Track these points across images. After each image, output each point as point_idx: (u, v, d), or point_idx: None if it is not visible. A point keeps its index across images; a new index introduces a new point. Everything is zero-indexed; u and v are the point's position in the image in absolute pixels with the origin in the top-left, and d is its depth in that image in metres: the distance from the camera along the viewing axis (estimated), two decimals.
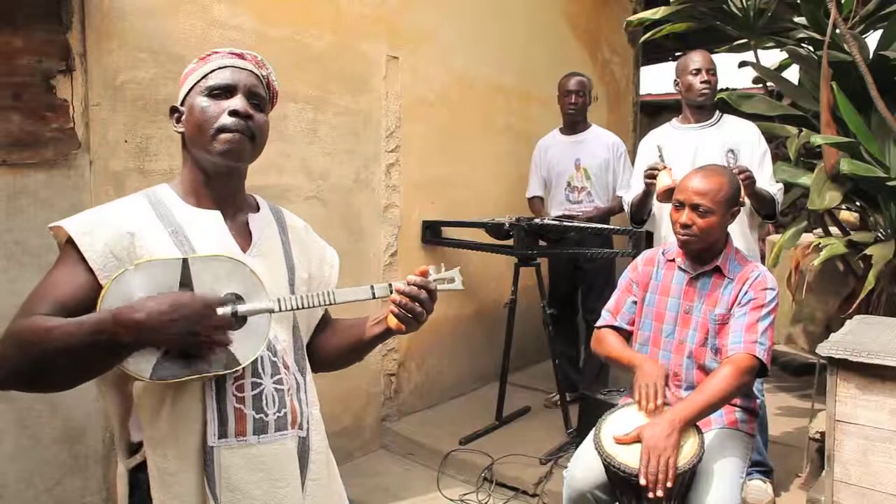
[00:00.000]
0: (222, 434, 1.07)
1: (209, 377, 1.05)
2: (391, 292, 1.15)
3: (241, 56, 1.18)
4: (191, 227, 1.11)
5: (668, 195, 2.33)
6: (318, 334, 1.32)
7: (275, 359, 1.14)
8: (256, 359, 1.09)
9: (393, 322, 1.20)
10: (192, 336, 0.97)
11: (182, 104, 1.17)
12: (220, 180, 1.16)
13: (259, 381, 1.11)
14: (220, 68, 1.15)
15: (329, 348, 1.32)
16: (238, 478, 1.08)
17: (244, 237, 1.18)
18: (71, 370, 0.97)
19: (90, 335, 0.94)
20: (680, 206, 1.87)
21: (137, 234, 1.06)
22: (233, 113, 1.11)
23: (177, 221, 1.11)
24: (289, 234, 1.27)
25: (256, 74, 1.18)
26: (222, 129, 1.10)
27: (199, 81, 1.15)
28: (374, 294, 1.14)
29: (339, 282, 1.33)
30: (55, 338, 0.94)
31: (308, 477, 1.17)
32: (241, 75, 1.15)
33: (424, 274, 1.16)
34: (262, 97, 1.17)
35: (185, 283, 1.02)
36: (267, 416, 1.11)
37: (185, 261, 1.02)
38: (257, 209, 1.25)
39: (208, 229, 1.13)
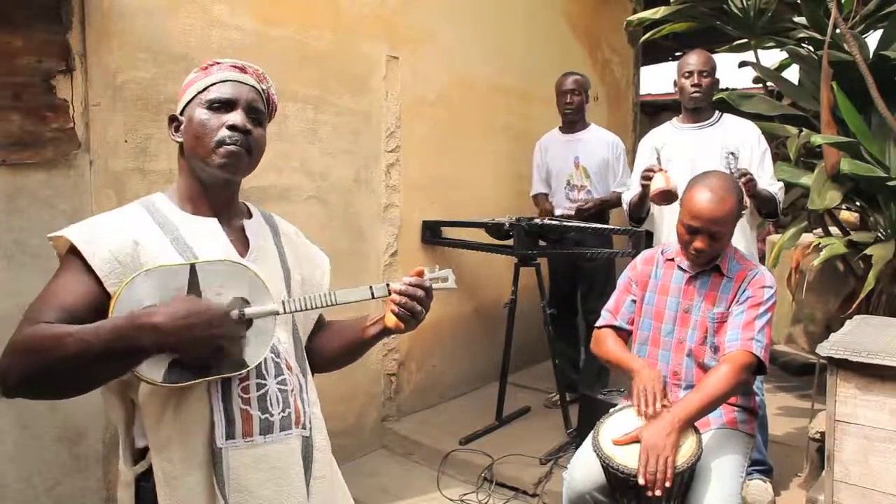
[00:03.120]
0: (230, 435, 1.08)
1: (218, 379, 1.07)
2: (389, 293, 1.19)
3: (242, 69, 1.19)
4: (190, 235, 1.13)
5: (662, 197, 2.33)
6: (314, 336, 1.34)
7: (278, 360, 1.17)
8: (260, 360, 1.11)
9: (391, 321, 1.22)
10: (205, 343, 0.98)
11: (181, 113, 1.18)
12: (217, 190, 1.18)
13: (263, 381, 1.13)
14: (221, 82, 1.16)
15: (327, 350, 1.34)
16: (246, 478, 1.09)
17: (242, 243, 1.20)
18: (83, 376, 0.98)
19: (108, 340, 0.94)
20: (694, 231, 1.83)
21: (141, 242, 1.08)
22: (231, 127, 1.12)
23: (176, 229, 1.13)
24: (281, 239, 1.29)
25: (257, 89, 1.20)
26: (221, 143, 1.12)
27: (199, 93, 1.16)
28: (373, 294, 1.17)
29: (340, 282, 1.34)
30: (68, 344, 0.93)
31: (313, 476, 1.19)
32: (242, 90, 1.16)
33: (420, 274, 1.20)
34: (261, 112, 1.19)
35: (193, 288, 1.03)
36: (272, 416, 1.13)
37: (192, 266, 1.04)
38: (250, 216, 1.27)
39: (208, 236, 1.15)
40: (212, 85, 1.15)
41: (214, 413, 1.07)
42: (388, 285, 1.18)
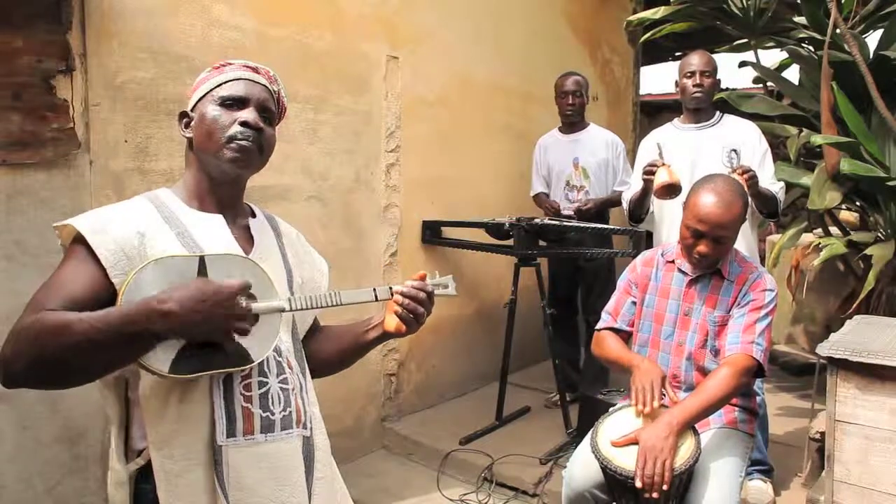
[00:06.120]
0: (231, 433, 1.08)
1: (224, 373, 1.07)
2: (391, 295, 1.21)
3: (255, 70, 1.22)
4: (196, 230, 1.13)
5: (666, 191, 2.33)
6: (309, 340, 1.33)
7: (280, 359, 1.17)
8: (265, 357, 1.11)
9: (392, 325, 1.25)
10: (217, 324, 0.97)
11: (192, 110, 1.19)
12: (225, 186, 1.19)
13: (265, 380, 1.13)
14: (234, 80, 1.18)
15: (323, 353, 1.34)
16: (246, 476, 1.08)
17: (247, 241, 1.21)
18: (91, 363, 0.97)
19: (118, 326, 0.93)
20: (699, 235, 1.81)
21: (147, 235, 1.07)
22: (244, 124, 1.14)
23: (182, 224, 1.13)
24: (283, 240, 1.30)
25: (269, 89, 1.22)
26: (233, 138, 1.14)
27: (212, 90, 1.18)
28: (376, 296, 1.19)
29: (340, 283, 1.38)
30: (77, 331, 0.92)
31: (315, 476, 1.19)
32: (255, 89, 1.19)
33: (422, 278, 1.23)
34: (272, 112, 1.22)
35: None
36: (273, 414, 1.12)
37: (201, 258, 1.04)
38: (254, 215, 1.29)
39: (214, 232, 1.15)
40: (225, 82, 1.17)
41: (216, 410, 1.07)
42: (390, 288, 1.21)
